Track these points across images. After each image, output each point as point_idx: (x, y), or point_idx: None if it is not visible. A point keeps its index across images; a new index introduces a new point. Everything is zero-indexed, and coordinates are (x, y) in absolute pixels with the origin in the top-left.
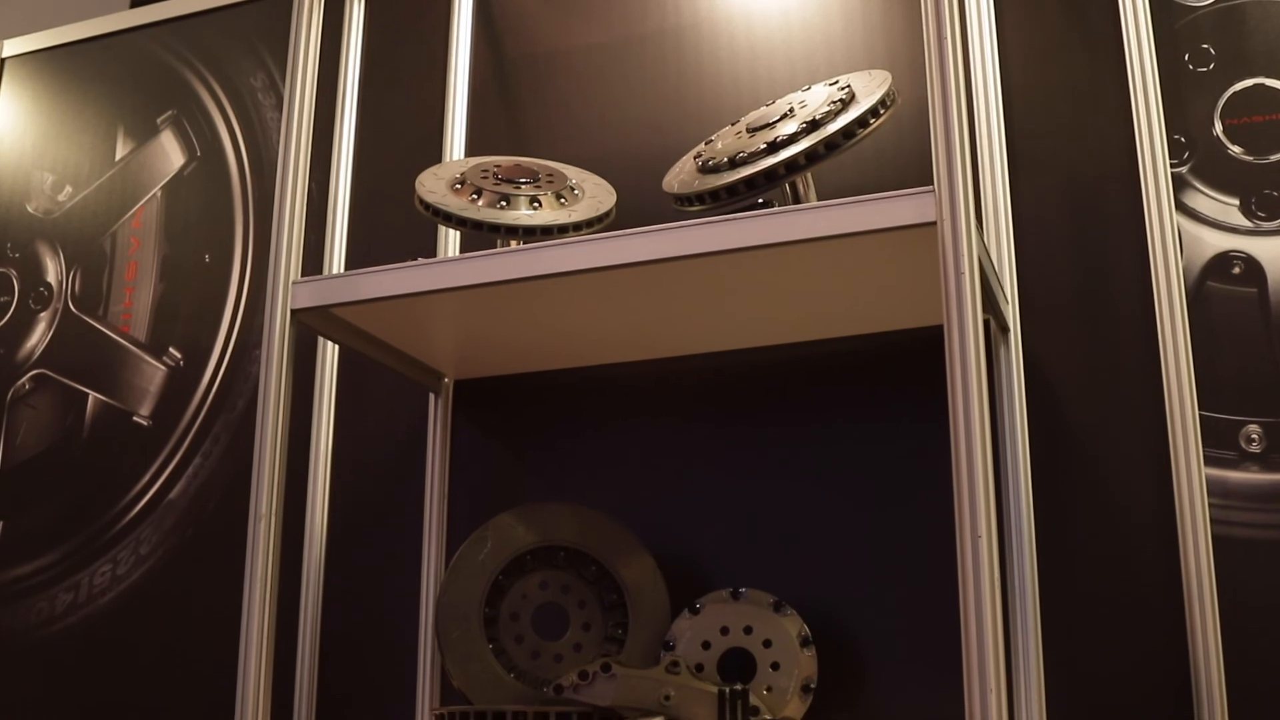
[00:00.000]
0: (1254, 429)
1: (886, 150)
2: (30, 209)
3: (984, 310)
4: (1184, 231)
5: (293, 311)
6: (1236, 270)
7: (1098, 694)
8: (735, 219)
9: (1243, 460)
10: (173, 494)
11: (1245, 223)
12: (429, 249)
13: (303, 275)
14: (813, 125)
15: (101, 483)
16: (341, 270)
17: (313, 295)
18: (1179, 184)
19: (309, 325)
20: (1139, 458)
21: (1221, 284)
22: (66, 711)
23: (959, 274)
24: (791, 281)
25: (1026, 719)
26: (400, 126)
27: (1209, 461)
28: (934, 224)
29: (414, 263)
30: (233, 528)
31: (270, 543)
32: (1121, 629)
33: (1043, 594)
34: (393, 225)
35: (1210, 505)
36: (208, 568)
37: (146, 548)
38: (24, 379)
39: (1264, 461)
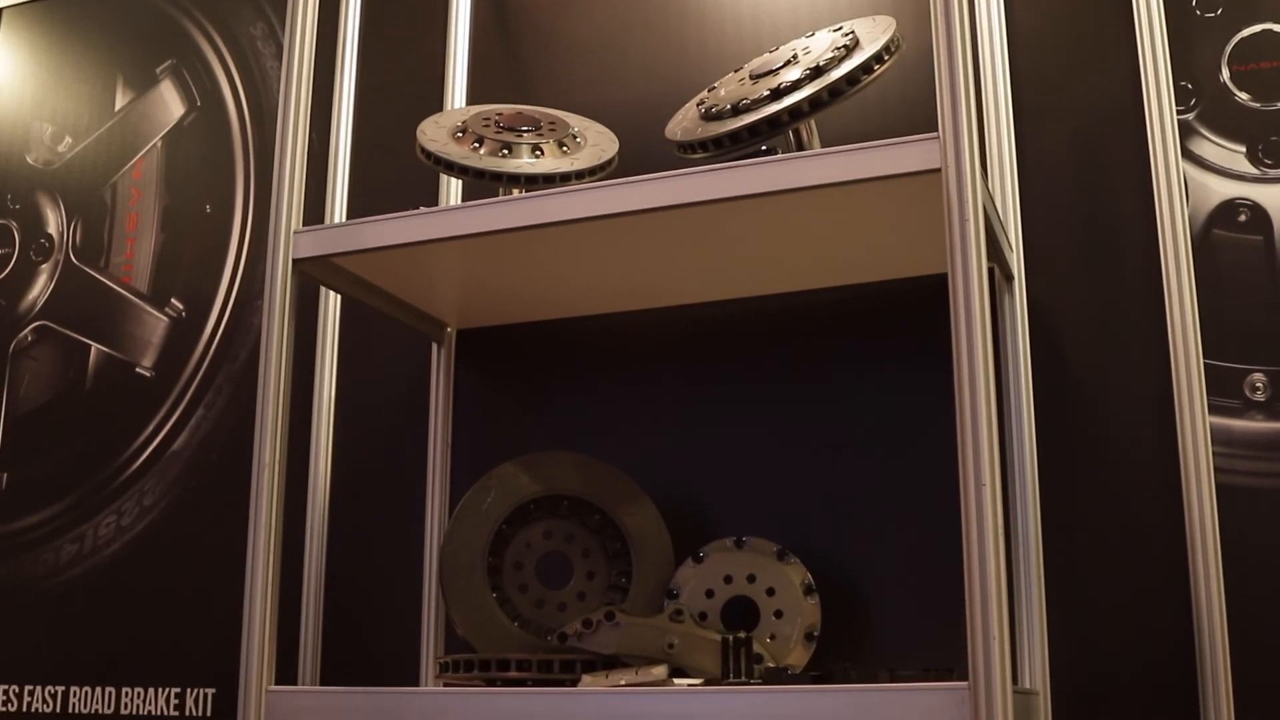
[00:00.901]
0: (1259, 377)
1: (891, 97)
2: (30, 160)
3: (988, 258)
4: (1190, 179)
5: (294, 261)
6: (1242, 218)
7: (1100, 642)
8: (738, 166)
9: (1247, 409)
10: (176, 445)
11: (1252, 170)
12: (431, 198)
13: (304, 225)
14: (816, 71)
15: (105, 434)
16: (343, 220)
17: (314, 245)
18: (1185, 131)
19: (311, 275)
20: (1143, 406)
21: (1227, 231)
22: (72, 662)
23: (963, 221)
24: (795, 229)
25: (1029, 665)
26: (401, 75)
27: (1213, 410)
28: (938, 171)
29: (416, 212)
30: (236, 478)
31: (274, 493)
32: (1124, 577)
33: (1045, 542)
34: (394, 174)
35: (1214, 454)
36: (212, 518)
37: (150, 499)
38: (26, 331)
39: (1268, 410)
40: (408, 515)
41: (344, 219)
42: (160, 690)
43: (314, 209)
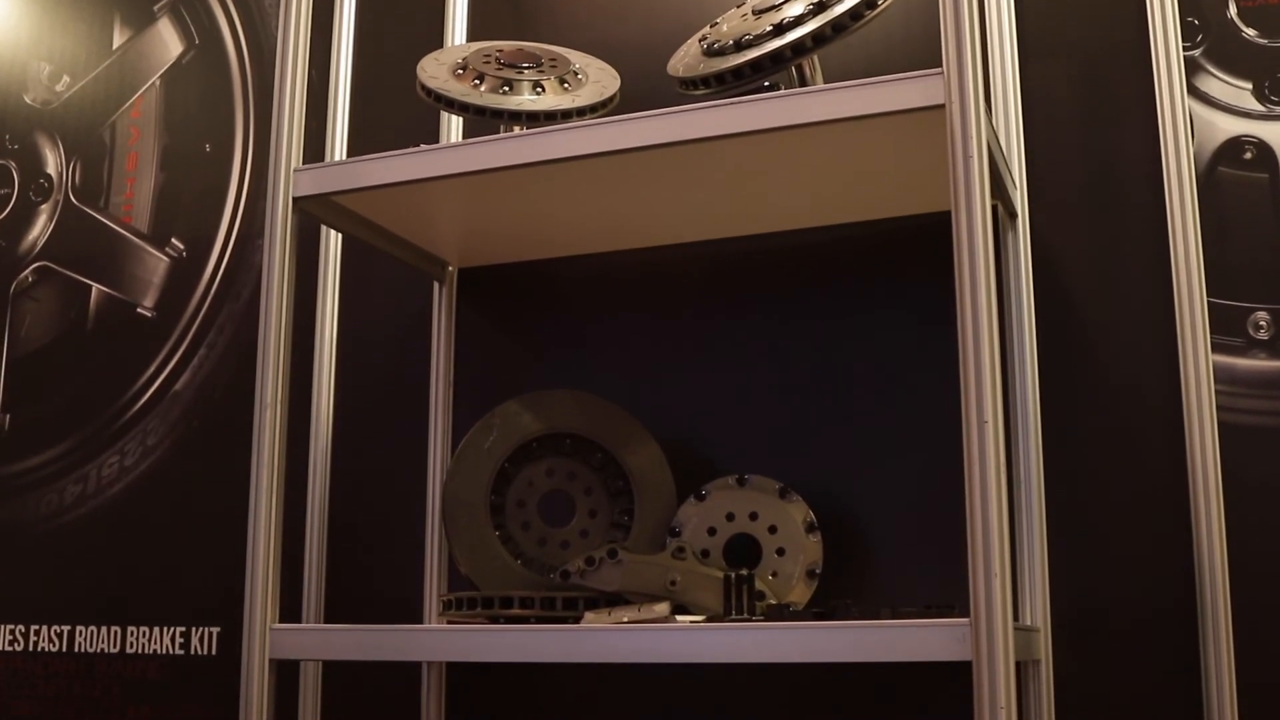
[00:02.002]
0: (1262, 316)
1: (894, 32)
2: (28, 100)
3: (992, 195)
4: (1195, 116)
5: (295, 199)
6: (1248, 155)
7: (1101, 579)
8: (741, 102)
9: (1250, 347)
10: (178, 385)
11: (1258, 107)
12: (431, 136)
13: (304, 163)
14: (819, 7)
15: (107, 375)
16: (343, 158)
17: (314, 183)
18: (1191, 67)
19: (311, 213)
20: (1146, 344)
21: (1232, 169)
22: (77, 601)
23: (967, 158)
24: (798, 166)
25: (1030, 602)
26: (401, 11)
27: (1216, 348)
28: (942, 107)
29: (416, 149)
30: (239, 418)
31: (276, 432)
32: (1126, 515)
33: (1048, 480)
34: (394, 112)
35: (1217, 392)
36: (215, 458)
37: (154, 439)
38: (26, 271)
39: (1271, 348)
40: (410, 454)
41: (344, 157)
42: (165, 629)
43: (314, 147)
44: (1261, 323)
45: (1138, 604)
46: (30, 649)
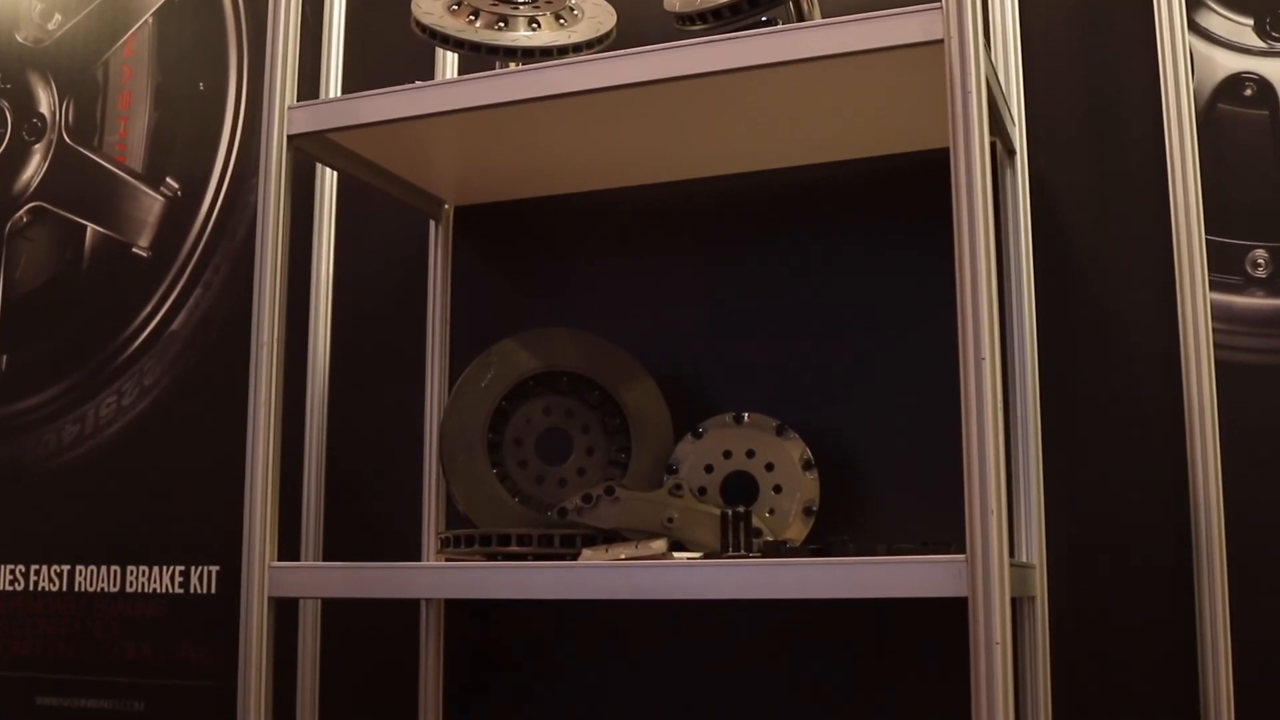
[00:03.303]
0: (1261, 254)
1: None
2: (20, 38)
3: (990, 132)
4: (1196, 52)
5: (289, 137)
6: (1248, 92)
7: (1097, 517)
8: (738, 38)
9: (1248, 285)
10: (175, 325)
11: (1259, 43)
12: (426, 73)
13: (298, 101)
14: None
15: (103, 315)
16: (338, 95)
17: (309, 120)
18: (1191, 3)
19: (306, 151)
20: (1144, 282)
21: (1232, 106)
22: (75, 542)
23: (965, 94)
24: (795, 102)
25: (1026, 541)
26: None
27: (1214, 286)
28: (941, 42)
29: (411, 86)
30: (236, 357)
31: (273, 370)
32: (1122, 453)
33: (1044, 418)
34: (389, 49)
35: (1214, 330)
36: (212, 397)
37: (150, 379)
38: (21, 212)
39: (1269, 287)
40: (407, 392)
41: (339, 94)
42: (165, 568)
43: (308, 85)
44: (1260, 260)
45: (1133, 541)
46: (30, 589)
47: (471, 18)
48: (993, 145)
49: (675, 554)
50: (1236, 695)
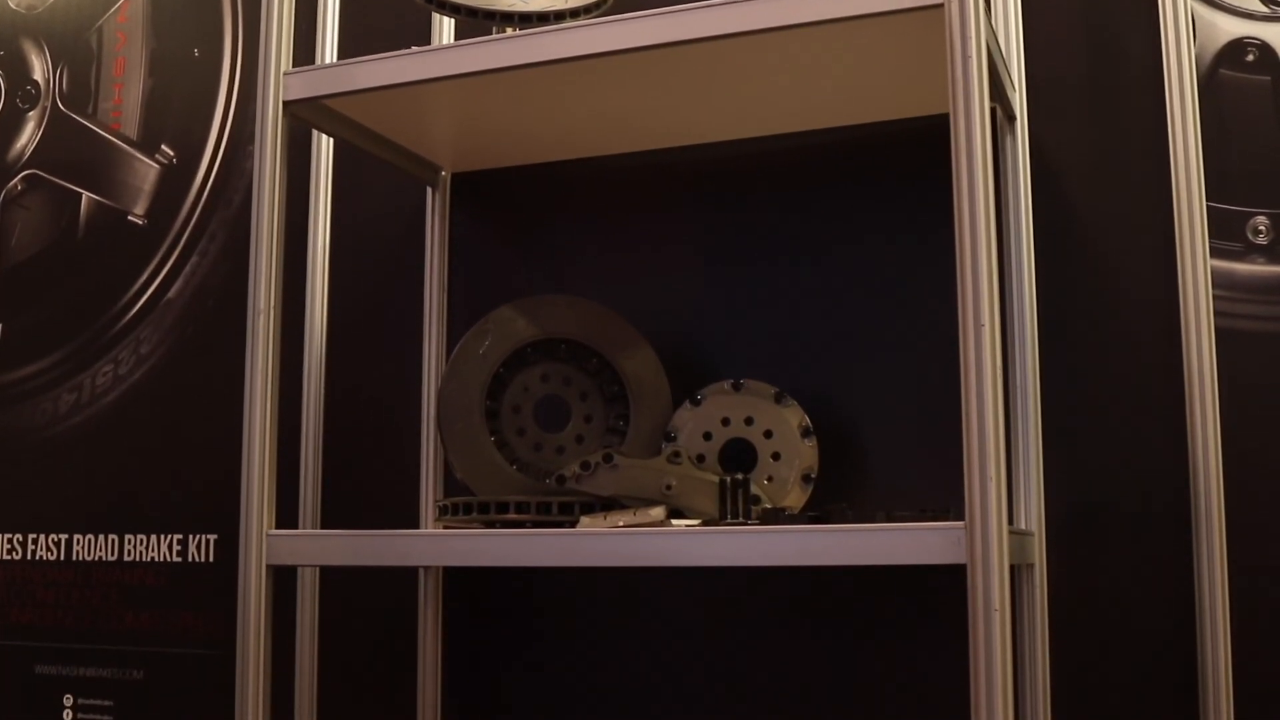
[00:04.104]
0: (1261, 220)
1: None
2: (12, 4)
3: (990, 98)
4: (1197, 16)
5: (285, 104)
6: (1250, 58)
7: (1096, 483)
8: (737, 2)
9: (1249, 252)
10: (171, 293)
11: (1261, 8)
12: (423, 38)
13: (294, 66)
14: None
15: (99, 283)
16: (334, 60)
17: (305, 86)
18: None
19: (302, 118)
20: (1145, 249)
21: (1234, 71)
22: (74, 510)
23: (965, 59)
24: (795, 68)
25: (1025, 508)
26: None
27: (1215, 253)
28: (941, 6)
29: (408, 51)
30: (233, 325)
31: (270, 337)
32: (1122, 420)
33: (1044, 384)
34: (385, 14)
35: (1215, 297)
36: (209, 365)
37: (147, 347)
38: (15, 180)
39: (1270, 253)
40: (405, 360)
41: (335, 59)
42: (162, 536)
43: (304, 51)
44: (1261, 227)
45: (1132, 509)
46: (29, 557)
47: None
48: (993, 111)
49: (674, 521)
50: (1235, 660)
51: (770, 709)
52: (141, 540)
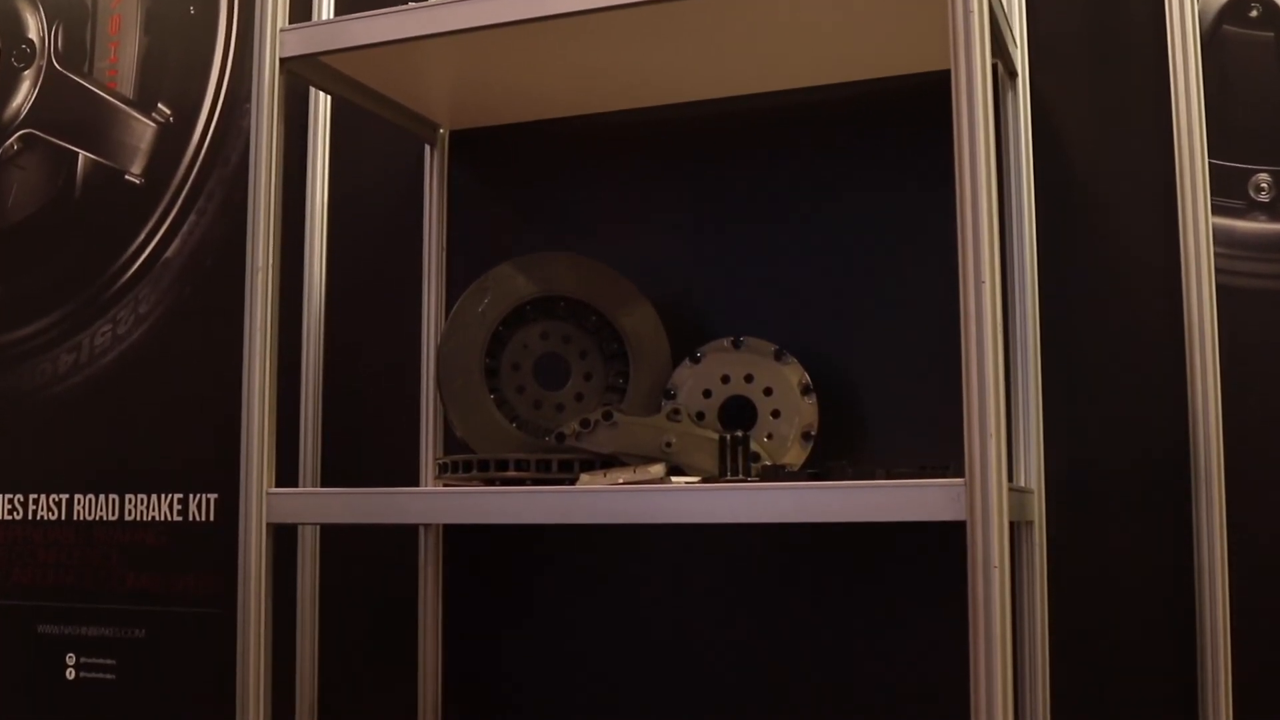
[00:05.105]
0: (1263, 178)
1: None
2: None
3: (992, 54)
4: None
5: (282, 60)
6: (1254, 14)
7: (1096, 442)
8: None
9: (1251, 209)
10: (169, 252)
11: None
12: None
13: (291, 23)
14: None
15: (97, 243)
16: (331, 16)
17: (302, 42)
18: None
19: (299, 75)
20: (1146, 206)
21: (1237, 27)
22: (74, 470)
23: (967, 14)
24: (795, 23)
25: (1025, 466)
26: None
27: (1216, 210)
28: None
29: (405, 7)
30: (231, 284)
31: (268, 296)
32: (1122, 377)
33: (1044, 341)
34: None
35: (1215, 254)
36: (208, 325)
37: (145, 306)
38: (11, 139)
39: (1272, 211)
40: (404, 318)
41: (332, 14)
42: (163, 496)
43: (301, 6)
44: (1263, 185)
45: (1132, 466)
46: (29, 518)
47: None
48: (994, 67)
49: (673, 478)
50: (1233, 618)
51: (769, 666)
52: (142, 500)
